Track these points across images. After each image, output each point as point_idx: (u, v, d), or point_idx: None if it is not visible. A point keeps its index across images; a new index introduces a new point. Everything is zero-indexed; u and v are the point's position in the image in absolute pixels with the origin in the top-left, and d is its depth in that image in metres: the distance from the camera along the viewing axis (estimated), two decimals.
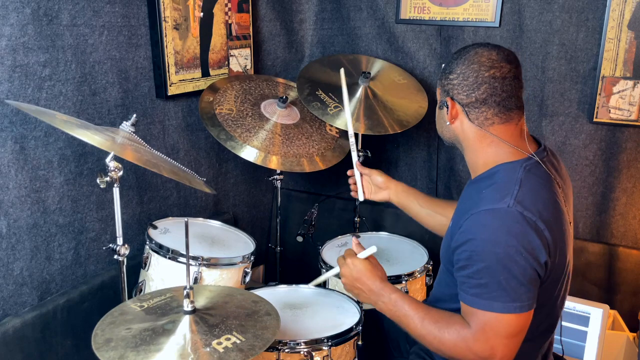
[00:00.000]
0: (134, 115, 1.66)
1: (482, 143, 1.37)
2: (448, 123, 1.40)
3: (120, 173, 1.57)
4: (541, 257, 1.24)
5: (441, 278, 1.51)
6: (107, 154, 1.55)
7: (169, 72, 2.16)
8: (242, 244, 1.96)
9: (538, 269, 1.24)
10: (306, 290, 1.83)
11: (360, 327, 1.63)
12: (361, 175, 1.93)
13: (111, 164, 1.56)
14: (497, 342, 1.25)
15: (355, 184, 1.94)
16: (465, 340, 1.27)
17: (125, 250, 1.66)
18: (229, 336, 1.23)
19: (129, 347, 1.19)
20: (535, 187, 1.29)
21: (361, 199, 1.91)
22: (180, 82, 2.22)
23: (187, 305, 1.29)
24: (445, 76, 1.39)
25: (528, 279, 1.23)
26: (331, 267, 1.94)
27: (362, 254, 1.53)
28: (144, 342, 1.21)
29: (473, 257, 1.25)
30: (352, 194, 1.95)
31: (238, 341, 1.22)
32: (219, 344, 1.20)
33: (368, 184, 1.92)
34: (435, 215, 1.80)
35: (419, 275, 1.98)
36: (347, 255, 1.55)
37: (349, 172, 1.96)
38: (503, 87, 1.33)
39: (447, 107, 1.39)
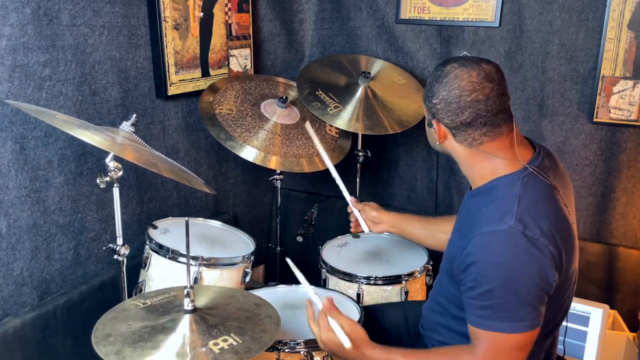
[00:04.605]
0: (134, 115, 1.66)
1: (475, 159, 1.36)
2: (438, 143, 1.40)
3: (120, 173, 1.57)
4: (548, 274, 1.23)
5: (441, 284, 1.51)
6: (107, 154, 1.55)
7: (169, 72, 2.16)
8: (242, 244, 1.96)
9: (545, 287, 1.24)
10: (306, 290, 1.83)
11: None
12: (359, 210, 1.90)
13: (111, 164, 1.56)
14: (504, 359, 1.27)
15: (355, 220, 1.90)
16: None
17: (125, 250, 1.66)
18: (227, 337, 1.23)
19: (127, 343, 1.20)
20: (535, 201, 1.28)
21: (366, 231, 1.89)
22: (180, 82, 2.22)
23: (187, 305, 1.29)
24: (428, 98, 1.36)
25: (534, 298, 1.23)
26: (332, 268, 1.94)
27: (337, 331, 1.38)
28: (142, 339, 1.22)
29: (478, 280, 1.25)
30: (352, 229, 1.91)
31: (235, 343, 1.22)
32: (216, 344, 1.20)
33: (365, 219, 1.90)
34: (435, 234, 1.81)
35: (419, 275, 1.98)
36: (321, 329, 1.41)
37: (348, 209, 1.91)
38: (487, 107, 1.29)
39: (435, 129, 1.38)
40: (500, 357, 1.27)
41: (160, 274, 1.78)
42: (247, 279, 1.87)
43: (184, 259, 1.70)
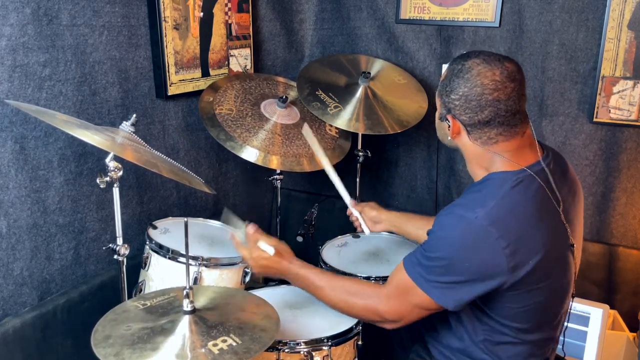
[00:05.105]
0: (134, 115, 1.66)
1: (484, 158, 1.37)
2: (450, 138, 1.40)
3: (120, 173, 1.57)
4: (491, 274, 1.26)
5: None
6: (107, 154, 1.55)
7: (169, 72, 2.16)
8: None
9: (476, 285, 1.28)
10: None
11: (360, 327, 1.63)
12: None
13: (111, 164, 1.56)
14: (405, 308, 1.38)
15: (356, 220, 1.93)
16: (376, 302, 1.42)
17: (125, 250, 1.66)
18: (226, 338, 1.23)
19: (126, 345, 1.20)
20: (517, 203, 1.28)
21: (367, 233, 1.92)
22: (180, 82, 2.22)
23: (186, 305, 1.29)
24: (445, 93, 1.35)
25: (457, 288, 1.30)
26: (332, 268, 1.94)
27: (263, 245, 1.60)
28: (141, 341, 1.21)
29: (428, 244, 1.34)
30: (358, 230, 1.96)
31: (234, 343, 1.22)
32: (215, 345, 1.20)
33: (365, 219, 1.94)
34: None
35: None
36: (250, 249, 1.61)
37: (348, 212, 1.96)
38: (507, 107, 1.29)
39: (449, 124, 1.37)
40: (399, 300, 1.39)
41: (160, 274, 1.78)
42: (247, 279, 1.87)
43: (184, 259, 1.70)
